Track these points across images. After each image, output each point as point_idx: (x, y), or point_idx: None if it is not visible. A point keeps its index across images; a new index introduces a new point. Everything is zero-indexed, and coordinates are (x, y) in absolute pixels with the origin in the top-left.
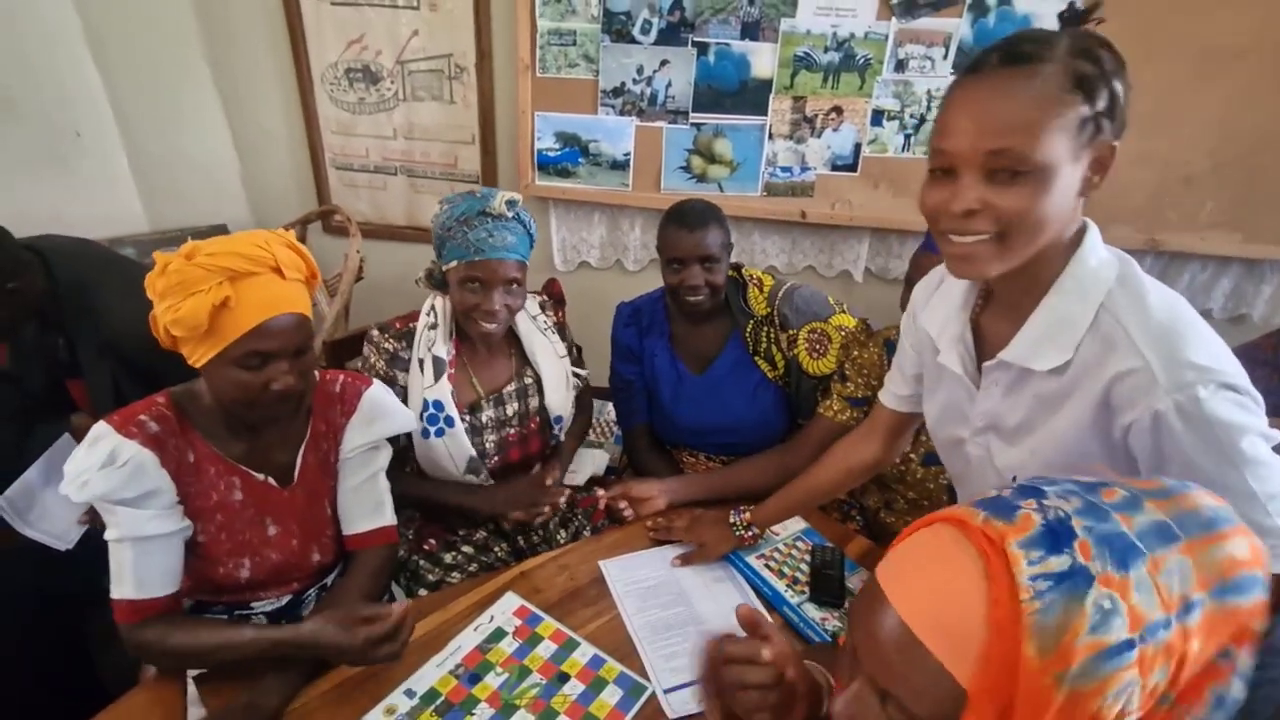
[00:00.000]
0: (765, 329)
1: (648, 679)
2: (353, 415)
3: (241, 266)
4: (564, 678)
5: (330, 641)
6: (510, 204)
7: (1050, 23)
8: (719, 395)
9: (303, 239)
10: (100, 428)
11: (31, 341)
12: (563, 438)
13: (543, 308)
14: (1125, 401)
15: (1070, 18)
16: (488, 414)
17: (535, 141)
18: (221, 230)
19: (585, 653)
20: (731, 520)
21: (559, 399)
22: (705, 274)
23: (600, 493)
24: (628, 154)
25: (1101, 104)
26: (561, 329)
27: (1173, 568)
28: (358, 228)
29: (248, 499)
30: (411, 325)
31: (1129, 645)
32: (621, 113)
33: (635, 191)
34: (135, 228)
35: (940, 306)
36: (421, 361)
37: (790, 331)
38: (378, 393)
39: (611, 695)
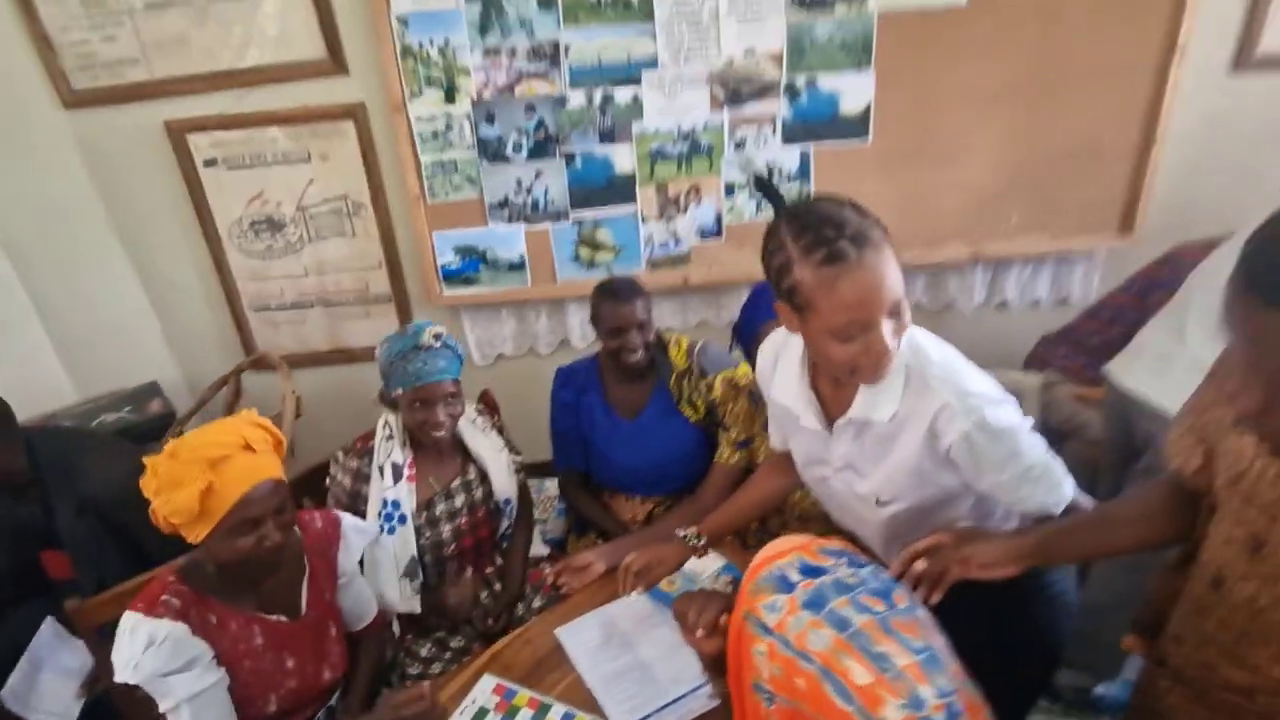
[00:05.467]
0: (686, 379)
1: None
2: (339, 543)
3: (217, 453)
4: None
5: None
6: (437, 336)
7: (860, 97)
8: (649, 438)
9: (238, 388)
10: (131, 617)
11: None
12: (512, 518)
13: (480, 413)
14: (944, 428)
15: (765, 183)
16: (441, 507)
17: (437, 258)
18: (153, 388)
19: (558, 711)
20: (681, 534)
21: (503, 483)
22: (641, 336)
23: (545, 569)
24: (522, 255)
25: None
26: (500, 430)
27: (822, 635)
28: (288, 369)
29: (267, 641)
30: (370, 444)
31: (768, 630)
32: (510, 221)
33: (535, 286)
34: (64, 400)
35: (785, 383)
36: (381, 468)
37: (708, 379)
38: (347, 518)
39: None
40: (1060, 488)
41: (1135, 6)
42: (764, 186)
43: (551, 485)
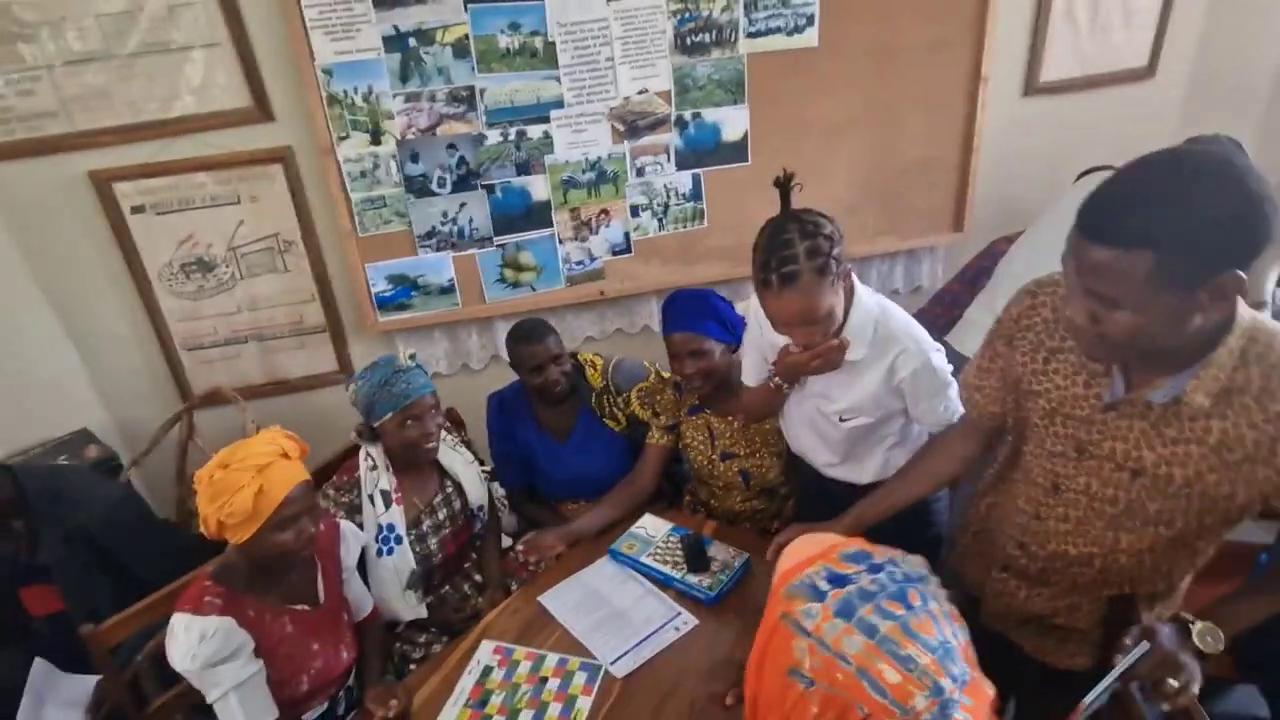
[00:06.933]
0: (605, 397)
1: (598, 661)
2: (340, 542)
3: (262, 461)
4: (544, 680)
5: None
6: (411, 357)
7: (738, 127)
8: (582, 455)
9: (190, 425)
10: (181, 618)
11: None
12: (484, 521)
13: (448, 431)
14: (900, 366)
15: (781, 184)
16: (428, 522)
17: (370, 288)
18: (85, 435)
19: (552, 659)
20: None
21: (476, 494)
22: (558, 367)
23: (515, 553)
24: (451, 280)
25: (834, 266)
26: (467, 444)
27: (855, 640)
28: (244, 401)
29: (296, 628)
30: (354, 477)
31: (806, 632)
32: (438, 249)
33: (465, 307)
34: None
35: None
36: (371, 496)
37: (624, 394)
38: (344, 523)
39: (580, 678)
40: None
41: (947, 45)
42: (780, 185)
43: (500, 488)
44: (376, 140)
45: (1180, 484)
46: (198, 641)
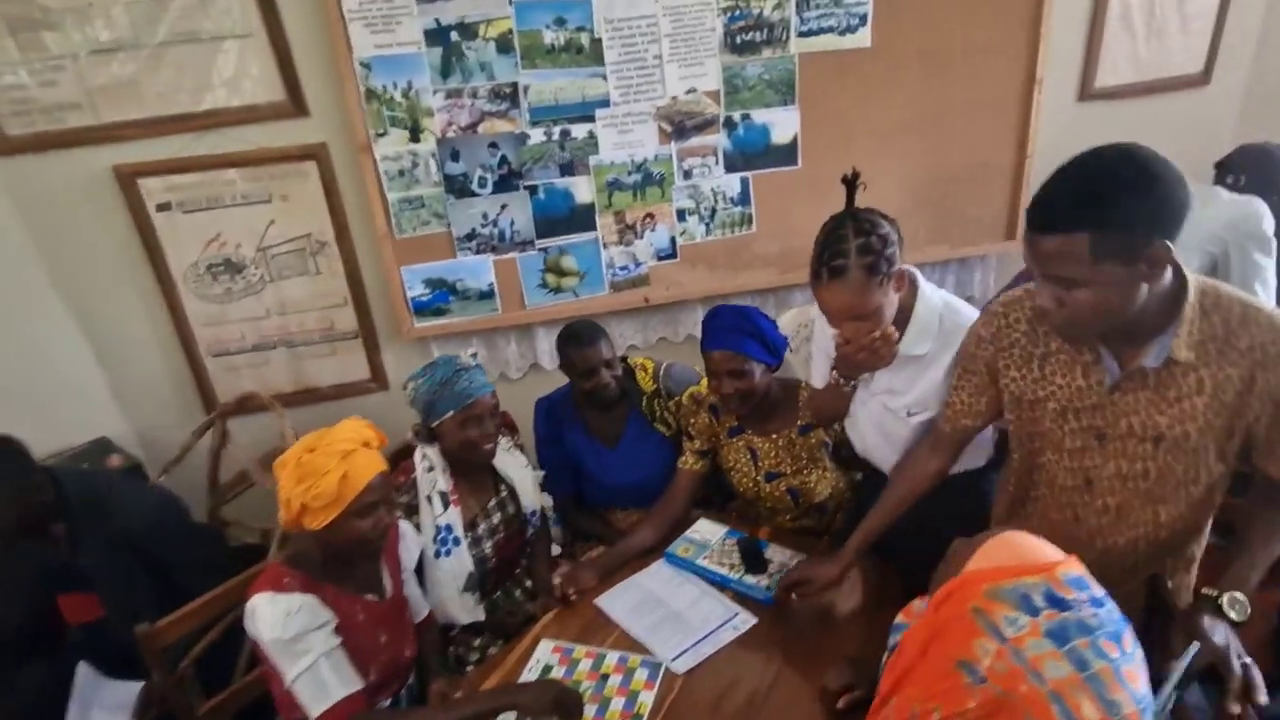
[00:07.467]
0: (656, 400)
1: (658, 658)
2: (400, 541)
3: (347, 447)
4: (605, 676)
5: (533, 699)
6: (473, 355)
7: (788, 129)
8: (632, 461)
9: (223, 431)
10: (262, 596)
11: (13, 567)
12: (536, 527)
13: (503, 434)
14: None
15: (848, 181)
16: (483, 525)
17: (406, 292)
18: (104, 443)
19: (613, 657)
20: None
21: (530, 498)
22: (610, 371)
23: (556, 579)
24: (491, 284)
25: (884, 266)
26: (521, 448)
27: (1060, 666)
28: (281, 408)
29: (367, 618)
30: (410, 478)
31: (1003, 638)
32: (477, 252)
33: (505, 313)
34: None
35: None
36: (429, 497)
37: (675, 398)
38: (402, 524)
39: (641, 674)
40: None
41: (1001, 48)
42: (846, 183)
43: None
44: (415, 138)
45: (1195, 438)
46: (284, 615)
